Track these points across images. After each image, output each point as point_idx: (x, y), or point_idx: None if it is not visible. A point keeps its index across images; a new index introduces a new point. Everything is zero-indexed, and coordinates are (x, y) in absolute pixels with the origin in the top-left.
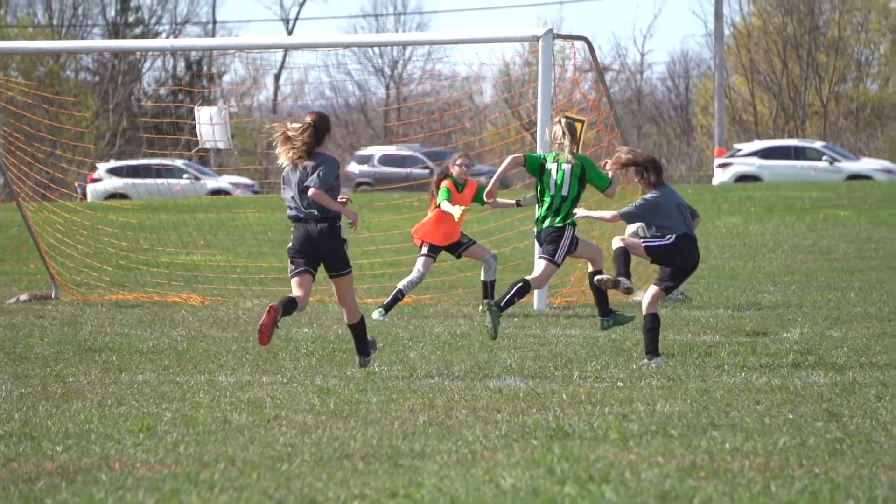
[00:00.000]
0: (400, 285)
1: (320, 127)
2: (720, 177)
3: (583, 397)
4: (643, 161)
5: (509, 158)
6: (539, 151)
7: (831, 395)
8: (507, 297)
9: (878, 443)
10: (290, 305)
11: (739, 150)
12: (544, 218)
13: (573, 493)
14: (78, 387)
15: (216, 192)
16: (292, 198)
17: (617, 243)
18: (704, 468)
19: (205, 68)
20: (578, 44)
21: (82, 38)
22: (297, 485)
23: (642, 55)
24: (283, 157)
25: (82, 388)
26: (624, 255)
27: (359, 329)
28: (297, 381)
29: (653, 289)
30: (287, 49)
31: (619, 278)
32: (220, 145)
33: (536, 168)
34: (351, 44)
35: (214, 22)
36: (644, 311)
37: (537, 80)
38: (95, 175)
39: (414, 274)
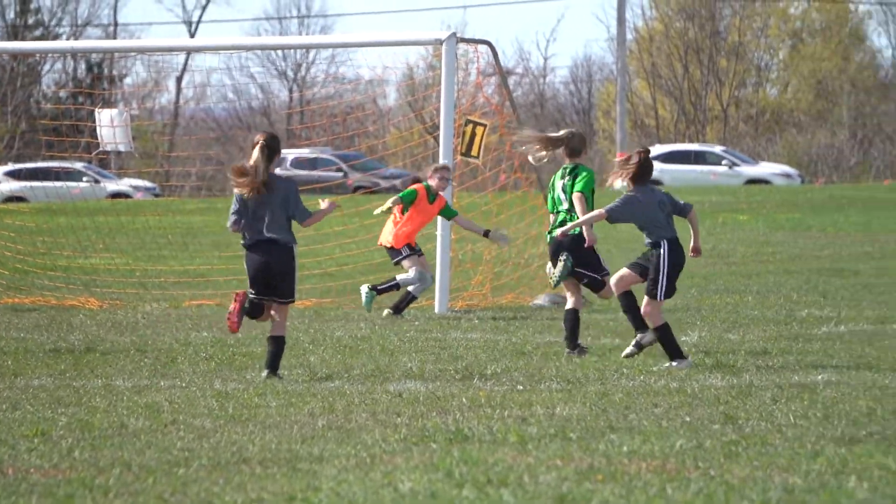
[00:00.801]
0: (412, 291)
1: (273, 147)
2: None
3: (482, 401)
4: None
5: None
6: (441, 155)
7: (728, 398)
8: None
9: (773, 445)
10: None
11: None
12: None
13: (471, 496)
14: None
15: (116, 194)
16: (249, 224)
17: (617, 289)
18: (602, 471)
19: (106, 70)
20: (482, 48)
21: None
22: (194, 489)
23: (545, 59)
24: (243, 190)
25: None
26: (627, 300)
27: (279, 344)
28: (196, 385)
29: (624, 271)
30: (189, 51)
31: (645, 335)
32: (121, 148)
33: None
34: (254, 46)
35: (116, 24)
36: (616, 293)
37: (441, 84)
38: None
39: (417, 276)
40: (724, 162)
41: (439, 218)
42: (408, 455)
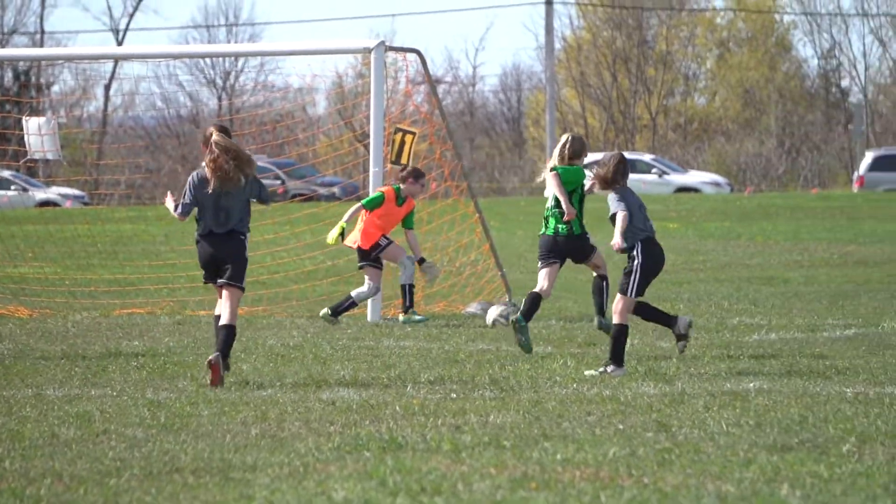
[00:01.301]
0: (355, 298)
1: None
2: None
3: (416, 409)
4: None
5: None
6: (371, 163)
7: (661, 406)
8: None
9: (706, 453)
10: (225, 344)
11: None
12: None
13: None
14: None
15: (45, 203)
16: (212, 216)
17: (622, 318)
18: (536, 479)
19: (33, 79)
20: (411, 56)
21: None
22: (126, 499)
23: (474, 68)
24: (218, 183)
25: None
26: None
27: (230, 332)
28: (128, 394)
29: (621, 298)
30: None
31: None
32: (49, 156)
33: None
34: (182, 54)
35: (42, 32)
36: (616, 321)
37: (370, 92)
38: None
39: (372, 290)
40: (653, 170)
41: None
42: (341, 464)
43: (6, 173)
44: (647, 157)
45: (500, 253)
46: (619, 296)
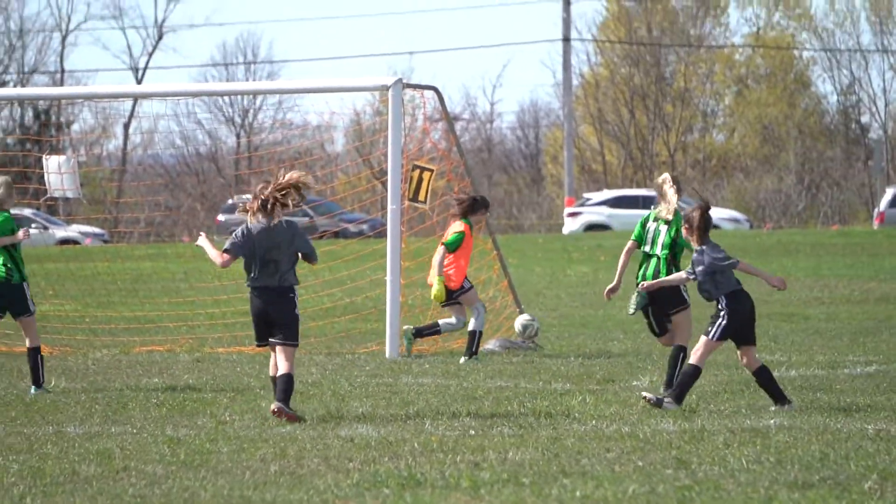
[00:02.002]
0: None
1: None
2: (570, 226)
3: (435, 445)
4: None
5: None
6: (389, 200)
7: (680, 443)
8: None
9: (727, 490)
10: (285, 390)
11: (589, 200)
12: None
13: None
14: None
15: (65, 241)
16: (260, 268)
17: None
18: None
19: (53, 117)
20: (428, 93)
21: None
22: None
23: (492, 104)
24: (251, 217)
25: None
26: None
27: (288, 381)
28: (147, 431)
29: (703, 340)
30: (136, 98)
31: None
32: (69, 194)
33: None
34: (201, 92)
35: (63, 71)
36: (692, 361)
37: (388, 129)
38: None
39: (459, 323)
40: None
41: (389, 262)
42: (360, 500)
43: (27, 211)
44: None
45: (518, 290)
46: (702, 337)
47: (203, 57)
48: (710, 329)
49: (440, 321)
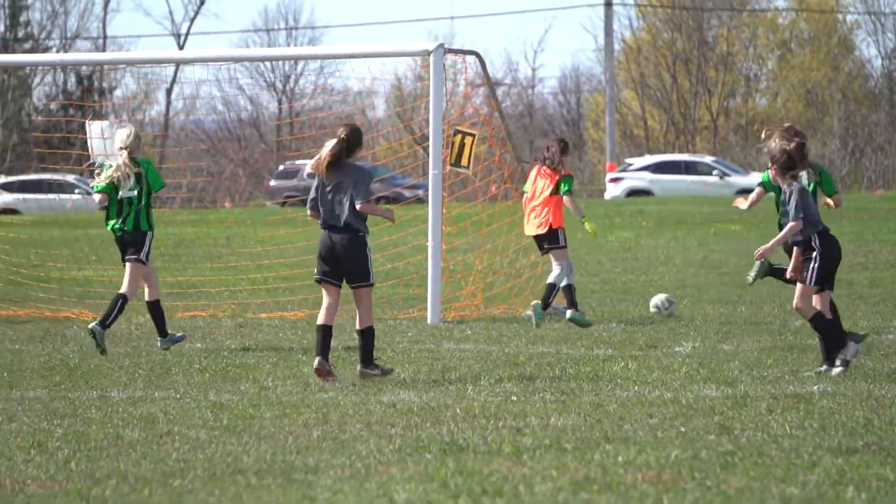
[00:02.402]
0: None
1: (353, 141)
2: (612, 191)
3: (476, 411)
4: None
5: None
6: (430, 165)
7: (723, 409)
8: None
9: (770, 456)
10: (325, 344)
11: (631, 165)
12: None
13: None
14: None
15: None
16: (326, 209)
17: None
18: (597, 482)
19: (96, 83)
20: (470, 58)
21: None
22: (190, 500)
23: (533, 70)
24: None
25: None
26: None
27: (368, 336)
28: (191, 397)
29: (800, 288)
30: (178, 63)
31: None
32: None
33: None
34: (242, 58)
35: (105, 37)
36: (809, 315)
37: (429, 95)
38: None
39: (567, 268)
40: (714, 172)
41: (431, 227)
42: (403, 466)
43: (70, 177)
44: (709, 159)
45: None
46: (798, 286)
47: (245, 22)
48: (804, 275)
49: (548, 280)
